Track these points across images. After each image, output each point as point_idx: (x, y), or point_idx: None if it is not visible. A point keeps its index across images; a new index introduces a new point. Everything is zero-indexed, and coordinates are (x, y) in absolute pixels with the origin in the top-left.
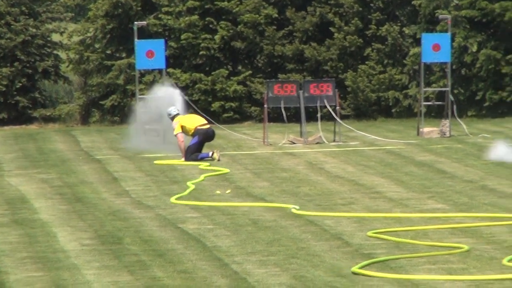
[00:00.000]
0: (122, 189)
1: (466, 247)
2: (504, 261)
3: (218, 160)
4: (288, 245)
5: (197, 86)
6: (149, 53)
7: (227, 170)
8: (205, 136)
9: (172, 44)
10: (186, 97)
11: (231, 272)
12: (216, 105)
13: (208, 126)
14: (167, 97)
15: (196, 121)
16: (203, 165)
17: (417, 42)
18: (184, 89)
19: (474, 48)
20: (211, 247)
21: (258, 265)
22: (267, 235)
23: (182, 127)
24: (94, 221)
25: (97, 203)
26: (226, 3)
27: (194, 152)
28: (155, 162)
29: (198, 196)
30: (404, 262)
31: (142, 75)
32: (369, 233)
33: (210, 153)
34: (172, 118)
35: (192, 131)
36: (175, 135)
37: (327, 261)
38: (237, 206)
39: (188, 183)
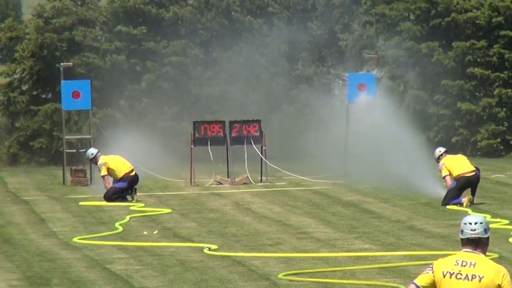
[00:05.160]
0: (49, 230)
1: None
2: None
3: (136, 195)
4: (216, 285)
5: None
6: (75, 93)
7: (169, 210)
8: (132, 183)
9: (97, 83)
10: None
11: None
12: None
13: (134, 172)
14: None
15: (124, 167)
16: (136, 206)
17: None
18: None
19: (401, 88)
20: None
21: None
22: (194, 275)
23: (109, 170)
24: (21, 262)
25: (25, 244)
26: (153, 43)
27: (115, 193)
28: (80, 203)
29: (125, 237)
30: None
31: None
32: (280, 275)
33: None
34: (94, 160)
35: (121, 176)
36: (102, 177)
37: None
38: (163, 246)
39: (116, 224)
